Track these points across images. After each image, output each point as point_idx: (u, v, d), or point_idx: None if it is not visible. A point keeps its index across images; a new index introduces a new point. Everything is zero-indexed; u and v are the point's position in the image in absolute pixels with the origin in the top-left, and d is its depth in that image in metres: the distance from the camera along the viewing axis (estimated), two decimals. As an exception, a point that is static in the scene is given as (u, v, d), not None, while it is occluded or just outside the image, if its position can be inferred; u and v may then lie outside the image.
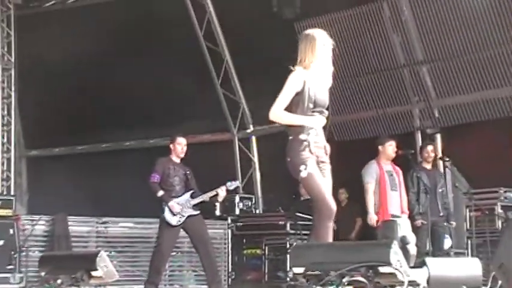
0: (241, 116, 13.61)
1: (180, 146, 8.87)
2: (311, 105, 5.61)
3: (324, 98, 5.71)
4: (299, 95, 5.61)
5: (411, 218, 8.94)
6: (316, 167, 5.58)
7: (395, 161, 9.09)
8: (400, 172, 9.04)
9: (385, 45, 11.35)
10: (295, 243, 5.51)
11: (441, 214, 9.30)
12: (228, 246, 11.15)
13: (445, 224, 9.41)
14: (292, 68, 5.68)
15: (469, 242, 9.69)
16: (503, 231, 8.45)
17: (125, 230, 11.03)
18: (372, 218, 8.80)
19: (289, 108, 5.64)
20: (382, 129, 11.52)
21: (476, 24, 10.36)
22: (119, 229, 10.97)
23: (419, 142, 11.16)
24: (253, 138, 13.71)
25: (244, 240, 10.99)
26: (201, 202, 8.77)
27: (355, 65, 11.67)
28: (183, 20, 13.22)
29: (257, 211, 12.34)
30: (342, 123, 12.03)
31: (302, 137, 5.60)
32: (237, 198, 11.65)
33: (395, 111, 11.54)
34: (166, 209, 8.62)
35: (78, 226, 10.59)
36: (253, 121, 13.55)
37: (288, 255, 9.97)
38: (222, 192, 8.79)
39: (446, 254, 9.43)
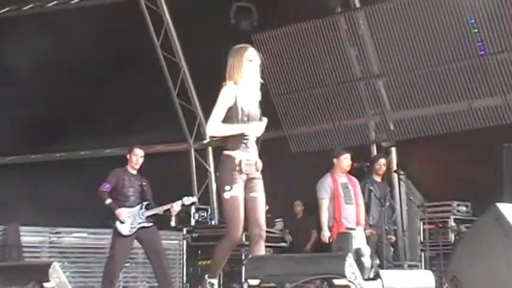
0: (198, 127, 13.57)
1: (136, 157, 8.79)
2: (245, 119, 5.62)
3: (256, 111, 5.72)
4: (231, 109, 5.60)
5: (363, 228, 8.98)
6: (241, 191, 5.59)
7: (351, 173, 9.14)
8: (357, 183, 9.07)
9: (341, 58, 11.41)
10: (250, 255, 5.48)
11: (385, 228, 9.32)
12: (182, 257, 11.10)
13: (388, 237, 9.47)
14: (223, 83, 5.68)
15: (423, 254, 9.79)
16: (456, 244, 8.53)
17: (78, 241, 10.92)
18: (325, 235, 8.81)
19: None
20: (338, 141, 11.56)
21: (432, 39, 10.47)
22: (72, 239, 10.87)
23: (375, 155, 11.22)
24: (210, 149, 13.68)
25: (199, 251, 10.93)
26: (154, 214, 8.71)
27: (311, 77, 11.70)
28: (140, 30, 13.16)
29: (213, 222, 12.30)
30: (298, 135, 12.06)
31: (234, 154, 5.59)
32: (193, 209, 11.59)
33: (351, 123, 11.59)
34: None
35: (30, 236, 10.46)
36: (209, 132, 13.48)
37: (243, 267, 9.94)
38: (176, 206, 8.72)
39: (400, 266, 9.50)
